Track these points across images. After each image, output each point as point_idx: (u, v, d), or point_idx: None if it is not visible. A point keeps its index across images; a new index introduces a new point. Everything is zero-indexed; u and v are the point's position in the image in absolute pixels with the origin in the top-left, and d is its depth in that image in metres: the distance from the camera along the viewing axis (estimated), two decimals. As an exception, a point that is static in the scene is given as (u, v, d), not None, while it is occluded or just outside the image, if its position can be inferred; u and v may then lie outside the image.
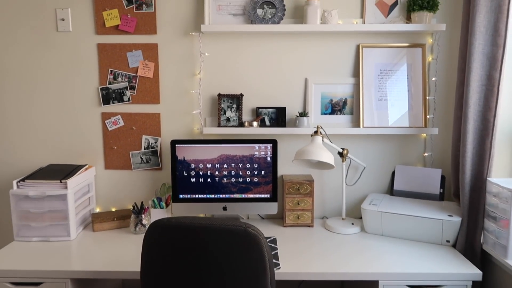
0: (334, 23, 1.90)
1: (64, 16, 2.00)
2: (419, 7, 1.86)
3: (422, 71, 1.98)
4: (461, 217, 1.71)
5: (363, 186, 2.10)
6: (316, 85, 2.02)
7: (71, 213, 1.83)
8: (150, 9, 1.98)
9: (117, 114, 2.07)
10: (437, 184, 1.98)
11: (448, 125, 2.03)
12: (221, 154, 1.96)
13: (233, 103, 2.03)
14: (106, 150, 2.09)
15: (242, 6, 1.95)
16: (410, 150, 2.06)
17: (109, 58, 2.03)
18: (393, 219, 1.79)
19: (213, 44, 2.01)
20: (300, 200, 1.97)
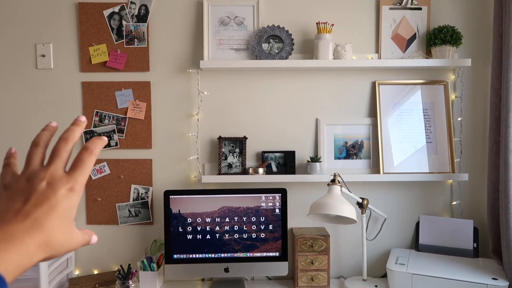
0: (347, 58, 1.72)
1: (45, 52, 1.78)
2: (441, 41, 1.69)
3: (446, 110, 1.78)
4: (508, 280, 1.46)
5: (384, 240, 1.84)
6: (328, 126, 1.81)
7: (43, 282, 1.53)
8: (143, 44, 1.78)
9: (103, 161, 1.81)
10: (469, 238, 1.73)
11: (478, 169, 1.81)
12: (222, 206, 1.70)
13: (236, 147, 1.79)
14: (88, 202, 1.82)
15: (245, 40, 1.76)
16: (436, 198, 1.83)
17: (95, 98, 1.79)
18: (427, 282, 1.52)
19: (213, 82, 1.80)
20: (314, 258, 1.70)
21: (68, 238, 0.48)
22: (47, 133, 0.53)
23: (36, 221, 0.45)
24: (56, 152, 0.50)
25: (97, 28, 1.77)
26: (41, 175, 0.48)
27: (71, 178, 0.49)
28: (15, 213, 0.46)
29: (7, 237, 0.43)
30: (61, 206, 0.47)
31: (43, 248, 0.45)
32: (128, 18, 1.77)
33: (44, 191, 0.47)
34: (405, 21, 1.78)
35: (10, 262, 0.42)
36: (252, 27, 1.76)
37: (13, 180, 0.49)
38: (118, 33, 1.78)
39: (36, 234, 0.45)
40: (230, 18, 1.76)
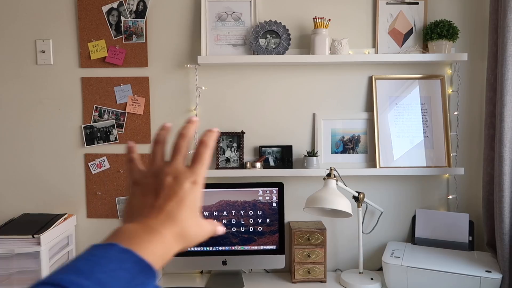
0: (344, 53, 1.73)
1: (44, 48, 1.80)
2: (438, 36, 1.70)
3: (442, 104, 1.79)
4: (501, 273, 1.47)
5: (380, 234, 1.86)
6: (325, 121, 1.82)
7: (45, 274, 1.55)
8: (141, 39, 1.79)
9: (102, 156, 1.83)
10: (465, 231, 1.75)
11: (474, 164, 1.82)
12: (220, 200, 1.73)
13: (233, 142, 1.81)
14: (89, 196, 1.84)
15: (243, 35, 1.78)
16: (432, 192, 1.84)
17: (94, 93, 1.82)
18: (421, 275, 1.54)
19: (210, 77, 1.81)
20: (311, 251, 1.72)
21: (198, 228, 0.50)
22: (165, 132, 0.56)
23: (169, 214, 0.48)
24: (177, 148, 0.53)
25: (96, 24, 1.79)
26: (166, 170, 0.51)
27: (193, 172, 0.52)
28: (149, 207, 0.49)
29: (148, 229, 0.46)
30: (188, 199, 0.50)
31: (179, 239, 0.48)
32: (127, 14, 1.78)
33: (171, 185, 0.50)
34: (402, 16, 1.78)
35: (155, 254, 0.44)
36: (249, 22, 1.77)
37: (141, 176, 0.53)
38: (117, 29, 1.79)
39: (171, 227, 0.48)
40: (227, 13, 1.77)
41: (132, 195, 0.52)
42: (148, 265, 0.42)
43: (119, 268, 0.40)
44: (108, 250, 0.41)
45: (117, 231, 0.46)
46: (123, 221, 0.51)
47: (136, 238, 0.44)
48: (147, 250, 0.44)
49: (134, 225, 0.47)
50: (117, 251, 0.41)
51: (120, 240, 0.44)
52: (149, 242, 0.45)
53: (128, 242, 0.43)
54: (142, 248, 0.43)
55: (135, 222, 0.47)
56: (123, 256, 0.41)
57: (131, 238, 0.44)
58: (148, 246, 0.44)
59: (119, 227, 0.47)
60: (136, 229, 0.46)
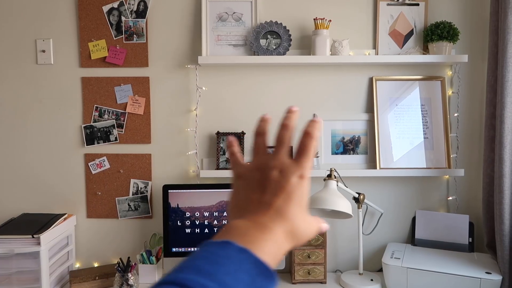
0: (345, 54, 1.73)
1: (45, 48, 1.80)
2: (438, 37, 1.70)
3: (443, 106, 1.79)
4: (501, 274, 1.47)
5: (380, 235, 1.86)
6: (325, 122, 1.82)
7: (44, 274, 1.55)
8: (142, 39, 1.79)
9: (102, 156, 1.83)
10: (465, 233, 1.75)
11: (474, 165, 1.82)
12: (221, 201, 1.73)
13: (234, 143, 1.81)
14: (88, 196, 1.84)
15: (243, 36, 1.78)
16: (432, 193, 1.84)
17: (95, 93, 1.81)
18: (421, 276, 1.54)
19: (211, 77, 1.81)
20: (311, 252, 1.72)
21: (307, 225, 0.47)
22: (265, 123, 0.53)
23: (278, 210, 0.45)
24: (280, 140, 0.51)
25: (96, 24, 1.79)
26: (272, 164, 0.48)
27: (299, 165, 0.49)
28: (257, 203, 0.46)
29: (260, 226, 0.43)
30: (296, 194, 0.47)
31: (289, 237, 0.45)
32: (127, 14, 1.78)
33: (277, 180, 0.47)
34: (402, 17, 1.78)
35: (269, 253, 0.41)
36: (250, 23, 1.77)
37: (245, 169, 0.50)
38: (117, 29, 1.79)
39: (282, 224, 0.45)
40: (228, 14, 1.77)
41: (237, 190, 0.50)
42: (266, 267, 0.40)
43: (239, 269, 0.38)
44: (225, 249, 0.39)
45: (229, 227, 0.43)
46: (229, 216, 0.48)
47: (250, 236, 0.42)
48: (262, 249, 0.41)
49: (244, 222, 0.44)
50: (234, 251, 0.39)
51: (234, 237, 0.41)
52: (263, 241, 0.42)
53: (243, 240, 0.41)
54: (257, 247, 0.41)
55: (244, 218, 0.45)
56: (241, 256, 0.39)
57: (244, 236, 0.42)
58: (262, 245, 0.41)
59: (230, 223, 0.44)
60: (248, 226, 0.43)
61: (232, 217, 0.48)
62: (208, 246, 0.40)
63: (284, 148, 0.50)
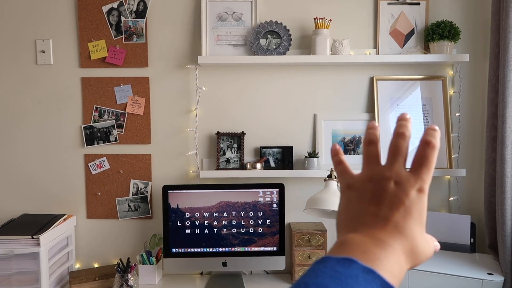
0: (345, 54, 1.72)
1: (44, 48, 1.80)
2: (439, 37, 1.69)
3: (444, 105, 1.78)
4: (503, 275, 1.46)
5: (382, 235, 1.85)
6: (326, 122, 1.81)
7: (44, 275, 1.55)
8: (141, 39, 1.79)
9: (102, 156, 1.83)
10: (466, 233, 1.73)
11: (475, 165, 1.81)
12: (220, 201, 1.72)
13: (234, 143, 1.80)
14: (88, 196, 1.84)
15: (243, 36, 1.77)
16: (433, 193, 1.83)
17: (94, 93, 1.81)
18: (422, 277, 1.53)
19: (211, 77, 1.81)
20: (312, 253, 1.72)
21: (427, 245, 0.44)
22: (375, 131, 0.49)
23: (397, 226, 0.42)
24: (396, 149, 0.46)
25: (96, 24, 1.79)
26: (387, 175, 0.45)
27: (418, 177, 0.44)
28: (373, 216, 0.43)
29: (378, 243, 0.40)
30: (415, 209, 0.43)
31: (409, 256, 0.42)
32: (127, 14, 1.78)
33: (394, 192, 0.44)
34: (403, 16, 1.77)
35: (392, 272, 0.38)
36: (250, 22, 1.76)
37: (356, 180, 0.47)
38: (117, 29, 1.79)
39: (401, 241, 0.41)
40: (228, 13, 1.77)
41: (348, 201, 0.46)
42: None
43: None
44: (349, 268, 0.37)
45: (345, 242, 0.41)
46: (340, 229, 0.45)
47: (371, 254, 0.39)
48: (386, 268, 0.38)
49: (361, 236, 0.41)
50: (359, 270, 0.37)
51: (354, 254, 0.39)
52: (385, 259, 0.39)
53: (364, 258, 0.38)
54: (381, 266, 0.38)
55: (360, 232, 0.42)
56: (367, 277, 0.36)
57: (365, 253, 0.39)
58: (386, 264, 0.38)
59: (345, 237, 0.41)
60: (367, 242, 0.40)
61: (343, 230, 0.45)
62: (331, 263, 0.38)
63: (401, 158, 0.46)
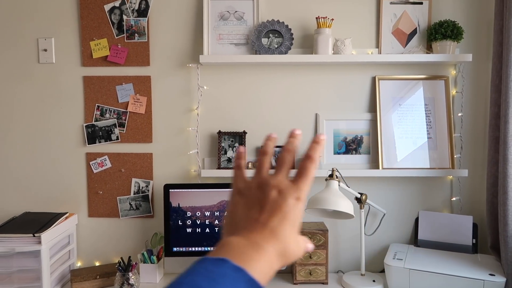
0: (347, 53, 1.71)
1: (46, 47, 1.80)
2: (442, 36, 1.68)
3: (446, 105, 1.77)
4: (505, 276, 1.46)
5: (383, 235, 1.84)
6: (328, 122, 1.81)
7: (45, 273, 1.55)
8: (143, 38, 1.79)
9: (104, 155, 1.83)
10: (468, 234, 1.73)
11: (478, 166, 1.80)
12: (222, 200, 1.72)
13: (235, 142, 1.80)
14: (90, 195, 1.84)
15: (245, 35, 1.77)
16: (435, 194, 1.83)
17: (96, 92, 1.81)
18: (424, 277, 1.53)
19: (212, 76, 1.80)
20: (313, 252, 1.71)
21: (297, 246, 0.49)
22: (272, 143, 0.55)
23: (273, 230, 0.47)
24: (282, 162, 0.52)
25: (98, 23, 1.79)
26: (272, 184, 0.50)
27: (297, 187, 0.50)
28: (254, 221, 0.48)
29: (255, 246, 0.45)
30: (291, 215, 0.49)
31: (280, 257, 0.47)
32: (129, 13, 1.78)
33: (276, 200, 0.49)
34: (406, 16, 1.77)
35: (261, 271, 0.43)
36: (252, 21, 1.76)
37: (246, 186, 0.52)
38: (119, 28, 1.79)
39: (275, 243, 0.47)
40: (230, 12, 1.76)
41: (235, 205, 0.51)
42: (259, 286, 0.41)
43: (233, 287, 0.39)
44: (221, 267, 0.41)
45: (225, 244, 0.45)
46: (225, 232, 0.50)
47: (245, 255, 0.43)
48: (255, 268, 0.43)
49: (240, 239, 0.46)
50: (229, 269, 0.41)
51: (230, 255, 0.43)
52: (257, 260, 0.44)
53: (238, 259, 0.43)
54: (251, 266, 0.43)
55: (240, 235, 0.47)
56: (235, 274, 0.40)
57: (240, 255, 0.43)
58: (256, 264, 0.43)
59: (226, 239, 0.46)
60: (243, 244, 0.45)
61: (227, 232, 0.50)
62: (205, 263, 0.41)
63: (285, 169, 0.52)
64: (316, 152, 0.52)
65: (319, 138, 0.53)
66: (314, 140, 0.53)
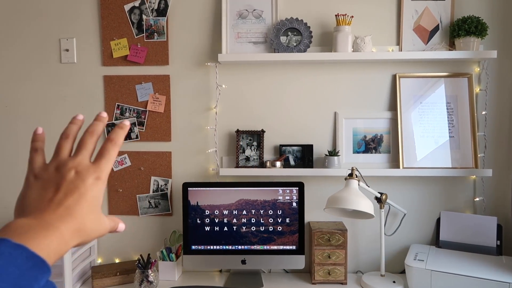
0: (367, 50, 1.69)
1: (68, 47, 1.83)
2: (465, 33, 1.64)
3: (470, 103, 1.73)
4: (532, 279, 1.41)
5: (403, 236, 1.81)
6: (347, 120, 1.79)
7: (67, 269, 1.58)
8: (162, 38, 1.80)
9: (124, 153, 1.85)
10: (493, 235, 1.68)
11: (502, 165, 1.75)
12: (240, 199, 1.72)
13: (253, 141, 1.80)
14: (110, 193, 1.86)
15: (264, 33, 1.76)
16: (457, 194, 1.79)
17: (116, 91, 1.83)
18: (446, 279, 1.49)
19: (231, 75, 1.81)
20: (331, 252, 1.70)
21: (97, 224, 0.50)
22: (75, 126, 0.55)
23: (68, 209, 0.48)
24: (82, 144, 0.53)
25: (118, 23, 1.81)
26: (70, 165, 0.51)
27: (97, 167, 0.51)
28: (48, 202, 0.48)
29: (45, 224, 0.45)
30: (90, 194, 0.50)
31: (76, 235, 0.48)
32: (148, 13, 1.79)
33: (73, 180, 0.50)
34: (427, 12, 1.73)
35: (50, 249, 0.44)
36: (270, 20, 1.75)
37: (43, 169, 0.52)
38: (139, 27, 1.80)
39: (69, 222, 0.47)
40: (248, 11, 1.76)
41: (28, 188, 0.51)
42: (41, 260, 0.42)
43: (9, 264, 0.39)
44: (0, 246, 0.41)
45: (9, 225, 0.45)
46: (16, 215, 0.50)
47: (30, 233, 0.44)
48: (41, 245, 0.43)
49: (28, 220, 0.46)
50: (8, 247, 0.41)
51: (12, 235, 0.43)
52: (44, 238, 0.44)
53: (21, 238, 0.43)
54: (35, 244, 0.43)
55: (30, 216, 0.47)
56: (14, 251, 0.41)
57: (24, 233, 0.43)
58: (42, 242, 0.43)
59: (11, 221, 0.46)
60: (30, 224, 0.45)
61: (17, 215, 0.49)
62: None
63: (85, 151, 0.52)
64: (118, 134, 0.54)
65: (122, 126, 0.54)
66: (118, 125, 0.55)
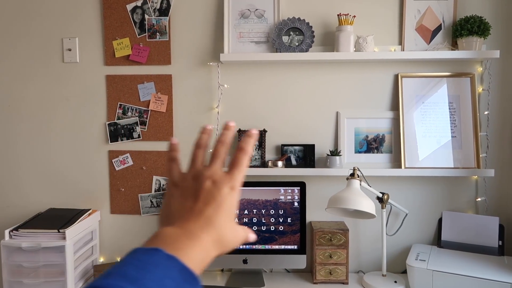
0: (369, 50, 1.69)
1: (71, 46, 1.84)
2: (468, 32, 1.64)
3: (472, 103, 1.73)
4: (534, 280, 1.41)
5: (405, 236, 1.81)
6: (349, 120, 1.79)
7: (69, 268, 1.59)
8: (165, 37, 1.80)
9: (126, 152, 1.85)
10: (494, 235, 1.68)
11: (505, 165, 1.75)
12: (241, 199, 1.72)
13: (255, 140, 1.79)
14: (112, 192, 1.87)
15: (266, 33, 1.76)
16: (459, 194, 1.78)
17: (119, 90, 1.84)
18: (448, 279, 1.49)
19: (233, 75, 1.81)
20: (333, 252, 1.70)
21: (234, 234, 0.51)
22: (206, 136, 0.57)
23: (208, 219, 0.49)
24: (216, 153, 0.55)
25: (120, 22, 1.81)
26: (206, 175, 0.52)
27: (231, 177, 0.53)
28: (189, 211, 0.49)
29: (189, 234, 0.46)
30: (226, 204, 0.50)
31: (216, 245, 0.48)
32: (151, 12, 1.80)
33: (210, 189, 0.51)
34: (430, 12, 1.73)
35: (196, 260, 0.44)
36: (272, 19, 1.75)
37: (181, 178, 0.54)
38: (141, 27, 1.81)
39: (210, 232, 0.48)
40: (250, 10, 1.76)
41: (170, 197, 0.52)
42: (192, 274, 0.41)
43: (165, 276, 0.39)
44: (153, 256, 0.41)
45: (159, 234, 0.45)
46: (161, 223, 0.51)
47: (179, 244, 0.44)
48: (189, 256, 0.43)
49: (175, 229, 0.46)
50: (162, 258, 0.41)
51: (163, 245, 0.43)
52: (191, 248, 0.44)
53: (171, 248, 0.43)
54: (184, 255, 0.43)
55: (175, 225, 0.47)
56: (168, 263, 0.41)
57: (173, 243, 0.44)
58: (190, 253, 0.44)
59: (160, 230, 0.46)
60: (177, 234, 0.45)
61: (163, 224, 0.51)
62: (136, 253, 0.41)
63: (219, 161, 0.54)
64: (248, 144, 0.54)
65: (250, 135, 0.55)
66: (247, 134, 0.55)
